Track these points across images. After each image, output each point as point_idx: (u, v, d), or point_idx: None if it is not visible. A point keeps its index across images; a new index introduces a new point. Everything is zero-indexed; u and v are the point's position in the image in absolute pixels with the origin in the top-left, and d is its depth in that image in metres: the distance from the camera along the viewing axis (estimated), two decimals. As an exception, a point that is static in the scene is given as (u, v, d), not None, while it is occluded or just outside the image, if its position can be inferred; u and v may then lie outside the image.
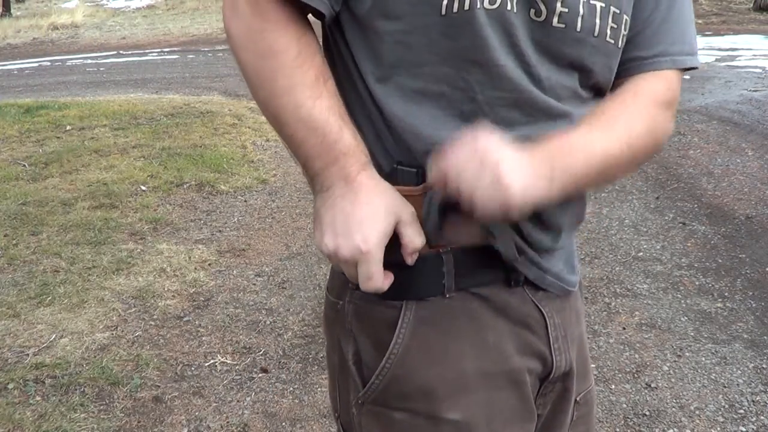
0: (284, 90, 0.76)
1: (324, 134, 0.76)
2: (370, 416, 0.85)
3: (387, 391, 0.83)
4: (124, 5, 21.04)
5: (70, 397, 2.28)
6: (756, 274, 3.11)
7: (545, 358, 0.87)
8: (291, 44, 0.76)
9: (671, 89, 0.87)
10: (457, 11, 0.74)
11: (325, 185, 0.78)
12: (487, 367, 0.83)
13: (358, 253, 0.74)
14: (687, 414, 2.20)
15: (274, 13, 0.76)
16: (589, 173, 0.79)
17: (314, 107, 0.76)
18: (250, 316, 2.87)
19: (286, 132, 0.78)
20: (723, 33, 11.50)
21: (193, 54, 12.45)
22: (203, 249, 3.53)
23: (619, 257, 3.35)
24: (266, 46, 0.76)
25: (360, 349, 0.85)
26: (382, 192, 0.76)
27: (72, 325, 2.73)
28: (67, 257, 3.36)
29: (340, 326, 0.89)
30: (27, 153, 5.19)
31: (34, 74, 11.25)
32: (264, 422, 2.20)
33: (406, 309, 0.82)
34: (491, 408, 0.83)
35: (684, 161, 4.77)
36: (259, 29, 0.76)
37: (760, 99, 6.38)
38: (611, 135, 0.81)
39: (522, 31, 0.76)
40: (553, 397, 0.92)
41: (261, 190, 4.50)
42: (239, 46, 0.78)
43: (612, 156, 0.80)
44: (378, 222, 0.75)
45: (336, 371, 0.92)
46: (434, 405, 0.81)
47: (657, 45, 0.85)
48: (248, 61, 0.78)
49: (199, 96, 7.52)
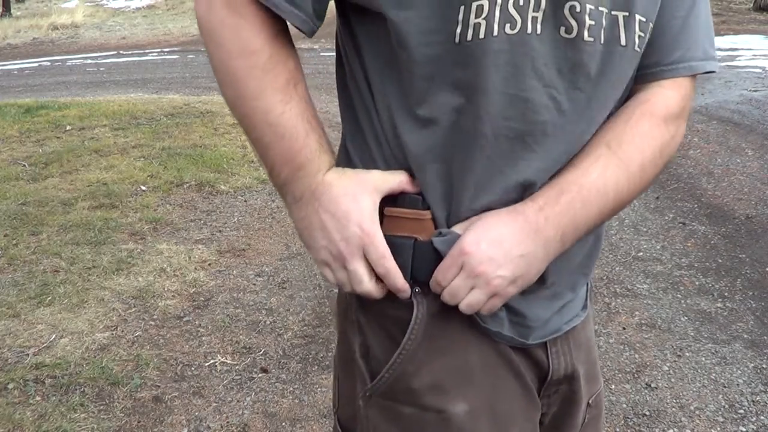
0: (254, 93, 0.75)
1: (291, 141, 0.76)
2: (377, 409, 0.84)
3: (395, 386, 0.82)
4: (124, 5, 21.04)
5: (70, 397, 2.28)
6: (756, 274, 3.11)
7: (538, 359, 0.87)
8: (265, 45, 0.75)
9: (685, 97, 0.85)
10: (471, 39, 0.71)
11: (297, 195, 0.78)
12: (491, 358, 0.83)
13: (360, 241, 0.74)
14: (687, 414, 2.20)
15: (250, 10, 0.74)
16: (602, 215, 0.80)
17: (284, 113, 0.76)
18: (250, 316, 2.87)
19: (254, 135, 0.78)
20: (723, 33, 11.49)
21: (193, 54, 12.45)
22: (203, 249, 3.53)
23: (619, 257, 3.35)
24: (240, 46, 0.75)
25: (368, 341, 0.84)
26: (351, 179, 0.77)
27: (72, 325, 2.73)
28: (67, 257, 3.36)
29: (345, 319, 0.88)
30: (27, 153, 5.19)
31: (34, 74, 11.25)
32: (264, 422, 2.20)
33: (418, 305, 0.80)
34: (495, 396, 0.83)
35: (684, 161, 4.77)
36: (234, 25, 0.75)
37: (760, 99, 6.37)
38: (625, 169, 0.79)
39: (547, 54, 0.73)
40: (559, 399, 0.91)
41: (261, 190, 4.50)
42: (212, 41, 0.77)
43: (626, 191, 0.80)
44: (362, 203, 0.75)
45: (340, 363, 0.92)
46: (442, 399, 0.81)
47: (675, 51, 0.82)
48: (220, 58, 0.77)
49: (199, 96, 7.51)
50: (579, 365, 0.91)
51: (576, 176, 0.78)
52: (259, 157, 0.80)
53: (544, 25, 0.72)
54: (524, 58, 0.73)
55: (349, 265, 0.77)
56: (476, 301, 0.77)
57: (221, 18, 0.75)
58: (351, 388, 0.88)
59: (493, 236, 0.75)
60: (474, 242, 0.75)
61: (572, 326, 0.89)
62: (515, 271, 0.76)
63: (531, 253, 0.76)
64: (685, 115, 0.86)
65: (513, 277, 0.76)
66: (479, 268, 0.75)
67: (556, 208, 0.76)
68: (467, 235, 0.76)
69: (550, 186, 0.78)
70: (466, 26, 0.71)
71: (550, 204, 0.76)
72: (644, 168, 0.81)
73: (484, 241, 0.75)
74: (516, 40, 0.72)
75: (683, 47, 0.82)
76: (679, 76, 0.83)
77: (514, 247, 0.75)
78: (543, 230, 0.76)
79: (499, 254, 0.75)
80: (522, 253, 0.75)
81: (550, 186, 0.78)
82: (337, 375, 0.93)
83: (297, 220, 0.80)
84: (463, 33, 0.71)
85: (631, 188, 0.81)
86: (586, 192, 0.77)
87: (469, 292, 0.76)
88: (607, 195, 0.78)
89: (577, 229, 0.78)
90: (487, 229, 0.76)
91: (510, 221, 0.76)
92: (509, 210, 0.77)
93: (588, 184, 0.77)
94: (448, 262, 0.76)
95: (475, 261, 0.75)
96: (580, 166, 0.78)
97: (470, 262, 0.75)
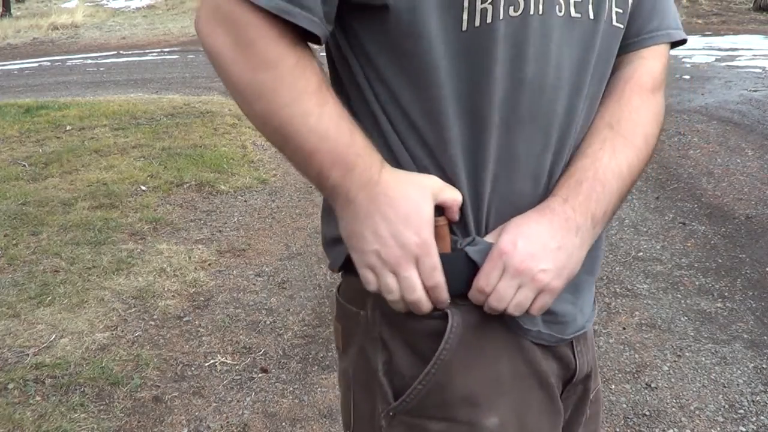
0: (288, 101, 0.72)
1: (336, 140, 0.72)
2: (402, 428, 0.81)
3: (427, 400, 0.80)
4: (124, 5, 21.03)
5: (70, 397, 2.28)
6: (756, 274, 3.11)
7: (569, 362, 0.87)
8: (288, 52, 0.72)
9: (665, 65, 0.90)
10: (479, 24, 0.72)
11: (349, 197, 0.74)
12: (520, 369, 0.82)
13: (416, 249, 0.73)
14: (687, 414, 2.20)
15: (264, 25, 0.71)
16: (623, 192, 0.82)
17: (323, 114, 0.72)
18: (250, 316, 2.87)
19: (293, 145, 0.74)
20: (723, 33, 11.50)
21: (193, 54, 12.44)
22: (203, 249, 3.53)
23: (619, 257, 3.35)
24: (260, 59, 0.71)
25: (393, 358, 0.82)
26: (411, 182, 0.75)
27: (72, 325, 2.73)
28: (67, 257, 3.36)
29: (364, 335, 0.85)
30: (27, 153, 5.19)
31: (34, 74, 11.25)
32: (264, 422, 2.20)
33: (453, 316, 0.79)
34: (524, 409, 0.82)
35: (684, 161, 4.77)
36: (249, 41, 0.71)
37: (760, 99, 6.37)
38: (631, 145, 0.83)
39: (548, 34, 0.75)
40: (575, 399, 0.92)
41: (261, 190, 4.50)
42: (226, 62, 0.72)
43: (636, 165, 0.83)
44: (422, 209, 0.73)
45: (356, 383, 0.88)
46: (475, 411, 0.80)
47: (653, 21, 0.87)
48: (240, 75, 0.72)
49: (199, 96, 7.52)
50: (592, 363, 0.92)
51: (588, 163, 0.80)
52: (302, 167, 0.76)
53: (545, 6, 0.74)
54: (528, 39, 0.74)
55: (403, 272, 0.74)
56: (525, 299, 0.76)
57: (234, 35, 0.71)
58: (370, 408, 0.84)
59: (528, 234, 0.76)
60: (511, 242, 0.75)
61: (591, 324, 0.90)
62: (557, 263, 0.76)
63: (567, 243, 0.76)
64: (665, 82, 0.91)
65: (556, 270, 0.76)
66: (522, 265, 0.75)
67: (579, 197, 0.78)
68: (503, 238, 0.76)
69: (566, 178, 0.80)
70: (473, 12, 0.72)
71: (572, 195, 0.78)
72: (647, 139, 0.85)
73: (520, 240, 0.75)
74: (519, 23, 0.73)
75: (659, 17, 0.87)
76: (660, 42, 0.88)
77: (550, 241, 0.76)
78: (573, 219, 0.77)
79: (538, 249, 0.75)
80: (559, 245, 0.76)
81: (566, 178, 0.80)
82: (351, 394, 0.89)
83: (347, 222, 0.76)
84: (471, 19, 0.72)
85: (641, 160, 0.84)
86: (602, 175, 0.79)
87: (516, 292, 0.76)
88: (621, 173, 0.81)
89: (605, 212, 0.80)
90: (520, 228, 0.76)
91: (539, 218, 0.77)
92: (536, 210, 0.78)
93: (602, 167, 0.80)
94: (489, 266, 0.76)
95: (516, 259, 0.75)
96: (589, 153, 0.81)
97: (512, 262, 0.75)
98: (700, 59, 8.87)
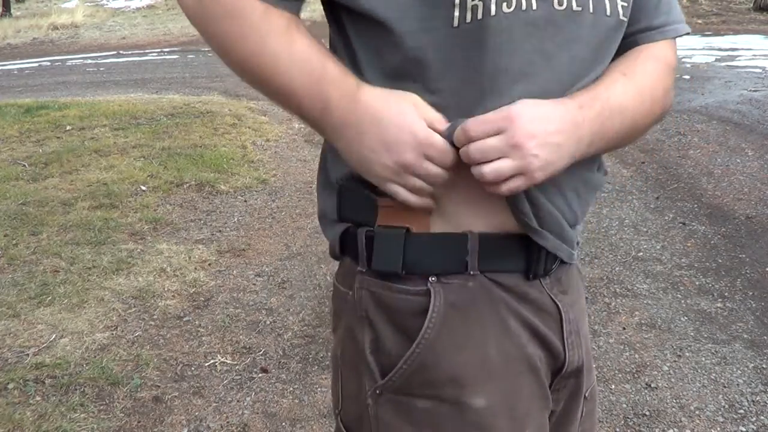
0: (257, 48, 0.74)
1: (309, 73, 0.75)
2: (388, 406, 0.83)
3: (413, 379, 0.81)
4: (124, 5, 21.03)
5: (70, 397, 2.28)
6: (756, 274, 3.11)
7: (557, 352, 0.87)
8: (253, 3, 0.74)
9: (675, 55, 0.90)
10: (471, 21, 0.72)
11: (336, 124, 0.76)
12: (509, 352, 0.82)
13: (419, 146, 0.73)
14: (687, 414, 2.20)
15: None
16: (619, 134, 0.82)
17: (293, 53, 0.74)
18: (250, 316, 2.87)
19: (273, 86, 0.77)
20: (723, 33, 11.50)
21: (193, 54, 12.44)
22: (203, 249, 3.53)
23: (619, 257, 3.35)
24: (228, 7, 0.74)
25: (379, 336, 0.83)
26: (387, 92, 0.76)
27: (72, 325, 2.73)
28: (67, 257, 3.36)
29: (351, 315, 0.86)
30: (27, 153, 5.18)
31: (34, 74, 11.25)
32: (264, 422, 2.20)
33: (435, 294, 0.80)
34: (513, 393, 0.83)
35: (684, 161, 4.77)
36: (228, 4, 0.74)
37: (760, 99, 6.37)
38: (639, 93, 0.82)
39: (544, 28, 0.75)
40: (566, 393, 0.92)
41: (261, 190, 4.50)
42: (198, 14, 0.76)
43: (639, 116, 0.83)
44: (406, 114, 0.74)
45: (343, 363, 0.89)
46: (460, 391, 0.80)
47: (660, 16, 0.87)
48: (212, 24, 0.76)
49: (199, 96, 7.51)
50: (584, 357, 0.92)
51: (602, 89, 0.79)
52: (287, 107, 0.79)
53: (539, 1, 0.74)
54: (523, 35, 0.73)
55: (421, 169, 0.75)
56: (503, 170, 0.73)
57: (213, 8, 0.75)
58: (357, 387, 0.86)
59: (541, 113, 0.73)
60: (521, 112, 0.72)
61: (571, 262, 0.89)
62: (548, 157, 0.73)
63: (566, 144, 0.75)
64: (674, 73, 0.91)
65: (545, 162, 0.73)
66: (520, 139, 0.72)
67: (591, 112, 0.77)
68: (517, 104, 0.73)
69: (584, 92, 0.78)
70: (464, 9, 0.72)
71: (587, 106, 0.77)
72: (654, 100, 0.85)
73: (531, 114, 0.72)
74: (513, 18, 0.72)
75: (665, 12, 0.87)
76: (669, 37, 0.88)
77: (555, 134, 0.73)
78: (581, 127, 0.76)
79: (541, 133, 0.72)
80: (559, 142, 0.74)
81: (584, 92, 0.78)
82: (339, 374, 0.91)
83: (348, 150, 0.77)
84: (462, 16, 0.72)
85: (643, 114, 0.84)
86: (611, 104, 0.79)
87: (499, 159, 0.73)
88: (625, 112, 0.81)
89: (603, 139, 0.80)
90: (537, 104, 0.73)
91: (557, 106, 0.75)
92: (554, 100, 0.75)
93: (613, 97, 0.79)
94: (491, 118, 0.72)
95: (518, 131, 0.72)
96: (603, 82, 0.80)
97: (513, 130, 0.72)
98: (700, 59, 8.87)
